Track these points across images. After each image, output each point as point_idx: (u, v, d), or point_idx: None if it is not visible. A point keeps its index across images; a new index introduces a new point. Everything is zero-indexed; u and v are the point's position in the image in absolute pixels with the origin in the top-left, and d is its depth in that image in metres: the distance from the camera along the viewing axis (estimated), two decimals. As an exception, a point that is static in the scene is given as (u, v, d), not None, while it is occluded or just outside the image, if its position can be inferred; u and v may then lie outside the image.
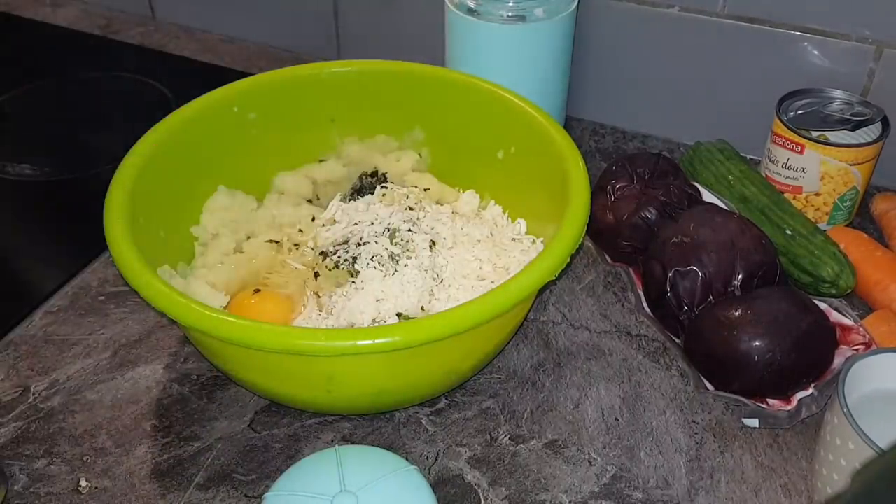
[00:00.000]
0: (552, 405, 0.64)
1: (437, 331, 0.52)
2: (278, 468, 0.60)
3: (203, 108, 0.72)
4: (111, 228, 0.59)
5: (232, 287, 0.67)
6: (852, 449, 0.51)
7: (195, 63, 1.07)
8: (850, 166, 0.74)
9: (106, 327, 0.71)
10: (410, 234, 0.67)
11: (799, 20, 0.80)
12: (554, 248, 0.57)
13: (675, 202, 0.71)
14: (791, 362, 0.60)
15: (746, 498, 0.58)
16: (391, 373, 0.57)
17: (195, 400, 0.65)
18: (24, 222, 0.84)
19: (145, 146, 0.67)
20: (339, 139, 0.79)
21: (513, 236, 0.71)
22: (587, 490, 0.59)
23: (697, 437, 0.62)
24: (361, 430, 0.63)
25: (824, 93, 0.78)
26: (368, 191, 0.76)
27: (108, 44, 1.12)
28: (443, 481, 0.59)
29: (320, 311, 0.64)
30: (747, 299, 0.63)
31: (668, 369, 0.67)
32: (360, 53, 1.02)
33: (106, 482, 0.59)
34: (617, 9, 0.87)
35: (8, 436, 0.62)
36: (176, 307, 0.54)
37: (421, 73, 0.76)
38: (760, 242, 0.66)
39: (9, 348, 0.69)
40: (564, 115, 0.89)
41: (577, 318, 0.72)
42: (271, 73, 0.76)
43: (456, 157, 0.77)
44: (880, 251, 0.73)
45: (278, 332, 0.52)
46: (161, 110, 0.73)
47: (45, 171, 0.88)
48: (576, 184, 0.63)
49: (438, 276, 0.66)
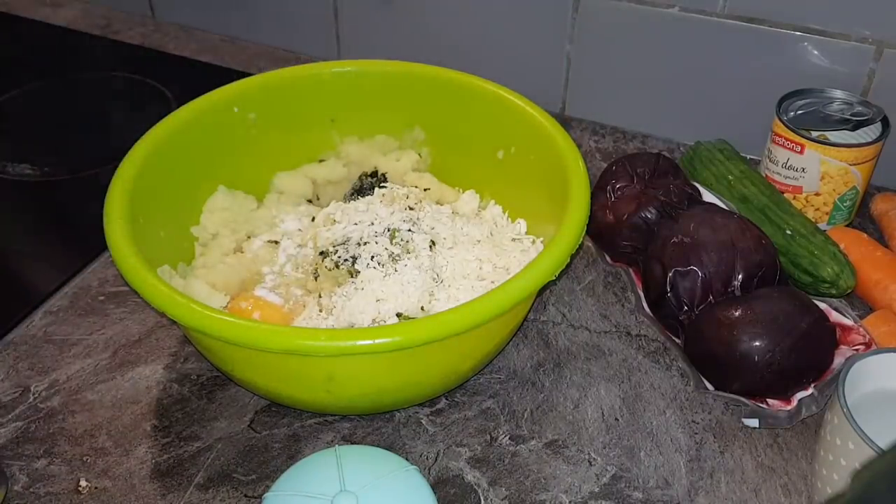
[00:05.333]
0: (552, 405, 0.64)
1: (437, 331, 0.52)
2: (278, 468, 0.60)
3: (203, 108, 0.71)
4: (111, 228, 0.59)
5: (232, 287, 0.67)
6: (852, 449, 0.51)
7: (195, 63, 1.07)
8: (850, 166, 0.74)
9: (106, 327, 0.71)
10: (410, 234, 0.67)
11: (799, 20, 0.80)
12: (554, 249, 0.57)
13: (675, 202, 0.71)
14: (791, 362, 0.60)
15: (746, 498, 0.58)
16: (391, 373, 0.57)
17: (195, 400, 0.65)
18: (24, 222, 0.84)
19: (145, 146, 0.67)
20: (339, 139, 0.79)
21: (513, 236, 0.71)
22: (587, 490, 0.59)
23: (697, 437, 0.62)
24: (361, 430, 0.63)
25: (824, 93, 0.78)
26: (368, 191, 0.76)
27: (108, 44, 1.12)
28: (443, 481, 0.59)
29: (320, 311, 0.64)
30: (747, 299, 0.63)
31: (668, 369, 0.67)
32: (360, 53, 1.02)
33: (106, 482, 0.59)
34: (617, 9, 0.87)
35: (8, 436, 0.62)
36: (176, 307, 0.54)
37: (421, 73, 0.76)
38: (760, 242, 0.66)
39: (9, 348, 0.69)
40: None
41: (577, 318, 0.72)
42: (271, 73, 0.76)
43: (456, 157, 0.77)
44: (880, 251, 0.73)
45: (278, 332, 0.52)
46: (161, 110, 0.74)
47: (45, 171, 0.88)
48: (576, 184, 0.63)
49: (438, 276, 0.66)
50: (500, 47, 0.95)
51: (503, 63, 0.94)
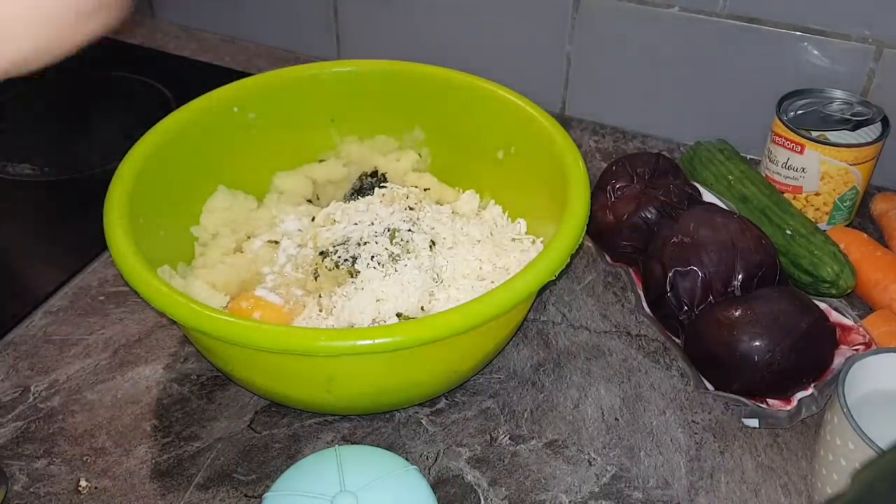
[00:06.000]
0: (552, 405, 0.64)
1: (437, 331, 0.52)
2: (278, 468, 0.60)
3: (203, 108, 0.71)
4: (111, 228, 0.59)
5: (232, 287, 0.67)
6: (852, 449, 0.51)
7: (195, 63, 1.07)
8: (850, 166, 0.74)
9: (106, 327, 0.71)
10: (410, 234, 0.67)
11: (799, 20, 0.80)
12: (554, 248, 0.57)
13: (675, 202, 0.71)
14: (791, 362, 0.60)
15: (746, 498, 0.58)
16: (391, 373, 0.57)
17: (195, 400, 0.65)
18: (24, 222, 0.83)
19: (145, 146, 0.67)
20: (339, 139, 0.79)
21: (513, 236, 0.71)
22: (587, 490, 0.59)
23: (697, 437, 0.62)
24: (361, 430, 0.63)
25: (824, 93, 0.78)
26: (368, 191, 0.76)
27: (108, 44, 1.11)
28: (443, 481, 0.59)
29: (320, 311, 0.64)
30: (747, 299, 0.63)
31: (668, 369, 0.67)
32: (360, 53, 1.02)
33: (106, 482, 0.59)
34: (617, 9, 0.87)
35: (8, 436, 0.62)
36: (176, 307, 0.54)
37: (421, 73, 0.76)
38: (760, 242, 0.66)
39: (9, 348, 0.69)
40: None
41: (577, 318, 0.72)
42: (271, 73, 0.76)
43: (456, 157, 0.77)
44: (880, 251, 0.73)
45: (278, 332, 0.52)
46: (161, 110, 0.73)
47: (45, 171, 0.88)
48: (576, 184, 0.63)
49: (438, 276, 0.66)
50: (500, 47, 0.95)
51: (503, 63, 0.94)
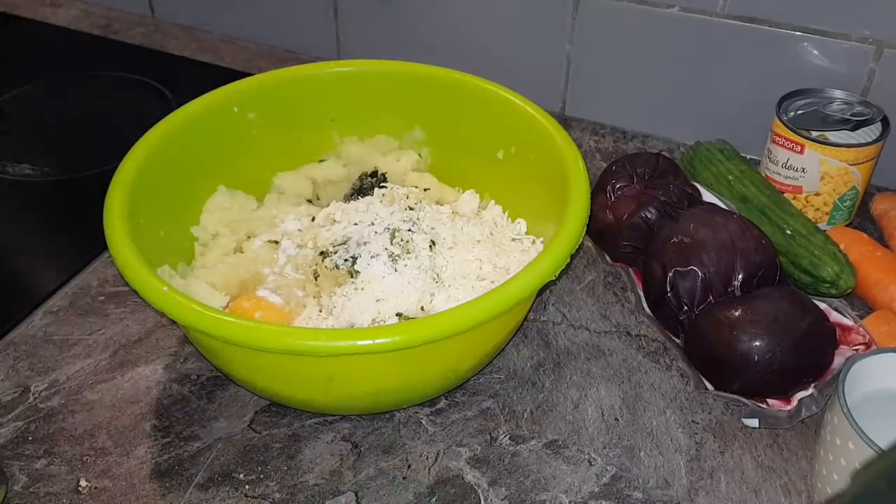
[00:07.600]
0: (552, 405, 0.64)
1: (437, 331, 0.52)
2: (278, 468, 0.60)
3: (203, 108, 0.71)
4: (111, 228, 0.59)
5: (232, 287, 0.67)
6: (852, 449, 0.51)
7: (195, 63, 1.07)
8: (850, 166, 0.74)
9: (106, 327, 0.71)
10: (410, 234, 0.67)
11: (799, 20, 0.80)
12: (554, 248, 0.57)
13: (675, 202, 0.71)
14: (791, 362, 0.60)
15: (746, 498, 0.58)
16: (391, 373, 0.57)
17: (195, 400, 0.65)
18: (24, 222, 0.83)
19: (145, 146, 0.67)
20: (339, 139, 0.79)
21: (513, 236, 0.71)
22: (587, 490, 0.59)
23: (697, 437, 0.62)
24: (361, 430, 0.63)
25: (824, 93, 0.78)
26: (368, 191, 0.76)
27: (108, 44, 1.12)
28: (443, 481, 0.59)
29: (320, 311, 0.64)
30: (747, 299, 0.63)
31: (668, 369, 0.67)
32: (360, 53, 1.02)
33: (106, 482, 0.59)
34: (617, 9, 0.87)
35: (8, 436, 0.62)
36: (176, 307, 0.54)
37: (421, 73, 0.76)
38: (760, 242, 0.66)
39: (9, 348, 0.69)
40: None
41: (577, 318, 0.72)
42: (271, 73, 0.76)
43: (456, 157, 0.77)
44: (880, 251, 0.73)
45: (278, 332, 0.52)
46: (161, 110, 0.73)
47: (45, 171, 0.88)
48: (576, 184, 0.63)
49: (438, 276, 0.66)
50: (500, 47, 0.95)
51: (503, 63, 0.94)
